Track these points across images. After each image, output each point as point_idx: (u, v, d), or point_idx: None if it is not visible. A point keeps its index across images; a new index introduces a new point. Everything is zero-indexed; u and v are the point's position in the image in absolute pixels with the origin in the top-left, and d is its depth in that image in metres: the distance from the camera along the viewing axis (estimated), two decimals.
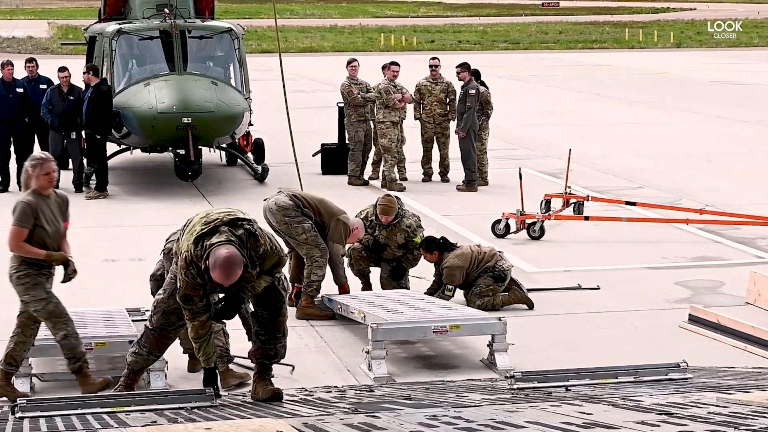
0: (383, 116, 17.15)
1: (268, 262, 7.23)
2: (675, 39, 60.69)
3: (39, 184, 8.56)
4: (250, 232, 7.10)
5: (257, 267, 7.18)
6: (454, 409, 5.59)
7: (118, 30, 17.90)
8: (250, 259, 7.09)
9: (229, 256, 6.90)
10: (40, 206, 8.47)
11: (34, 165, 8.61)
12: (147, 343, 7.88)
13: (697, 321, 9.99)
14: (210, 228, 7.07)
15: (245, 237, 7.07)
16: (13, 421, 6.30)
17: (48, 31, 68.92)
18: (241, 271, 6.97)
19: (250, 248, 7.08)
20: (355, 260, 11.15)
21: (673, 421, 4.60)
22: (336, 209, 10.69)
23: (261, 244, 7.14)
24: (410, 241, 11.11)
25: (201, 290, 7.18)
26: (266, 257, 7.20)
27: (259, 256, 7.15)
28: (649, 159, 20.37)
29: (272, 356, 7.67)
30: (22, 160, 17.36)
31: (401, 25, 73.21)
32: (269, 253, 7.21)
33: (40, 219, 8.43)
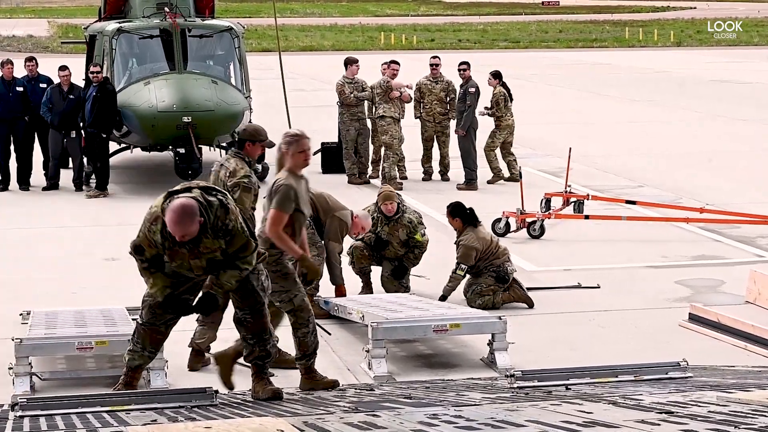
0: (384, 111, 17.14)
1: (235, 242, 7.18)
2: (675, 38, 60.68)
3: (294, 163, 8.06)
4: (222, 202, 7.10)
5: (222, 240, 7.12)
6: (455, 408, 5.59)
7: (119, 29, 17.90)
8: (215, 227, 7.06)
9: (184, 203, 6.92)
10: (299, 188, 8.04)
11: (289, 142, 8.06)
12: (139, 338, 7.86)
13: (697, 320, 9.99)
14: (184, 188, 7.16)
15: (216, 205, 7.06)
16: (13, 420, 6.30)
17: (48, 29, 68.91)
18: (194, 225, 6.92)
19: (218, 217, 7.06)
20: (356, 258, 11.16)
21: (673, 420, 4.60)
22: (334, 205, 10.67)
23: (231, 219, 7.11)
24: (411, 237, 11.12)
25: (155, 249, 7.20)
26: (234, 235, 7.15)
27: (227, 231, 7.11)
28: (649, 158, 20.37)
29: (264, 357, 7.69)
30: (22, 159, 17.43)
31: (401, 23, 73.19)
32: (238, 231, 7.15)
33: (299, 203, 8.00)
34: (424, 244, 11.24)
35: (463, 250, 10.76)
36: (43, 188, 17.39)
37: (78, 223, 15.08)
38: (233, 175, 8.88)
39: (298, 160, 8.01)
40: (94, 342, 8.59)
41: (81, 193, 17.09)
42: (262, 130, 8.98)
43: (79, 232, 14.50)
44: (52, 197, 16.94)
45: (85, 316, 9.58)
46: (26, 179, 17.50)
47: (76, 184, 17.40)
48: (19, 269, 12.70)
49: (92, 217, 15.26)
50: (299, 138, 8.03)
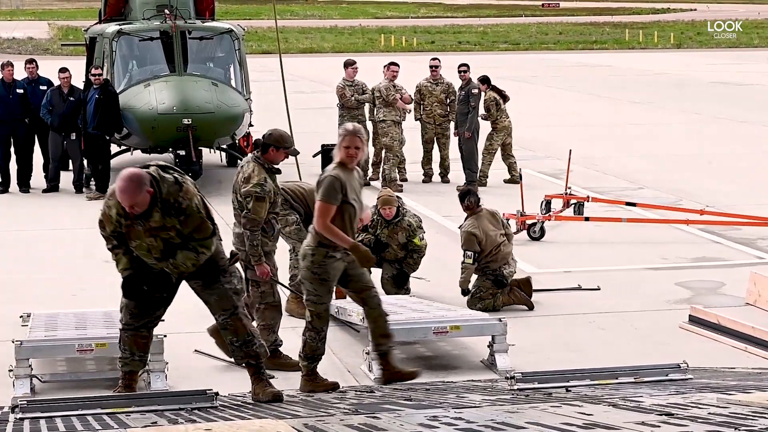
0: (384, 115, 17.16)
1: (189, 222, 7.23)
2: (675, 40, 60.69)
3: (341, 156, 7.97)
4: (177, 180, 7.19)
5: (175, 219, 7.18)
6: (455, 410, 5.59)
7: (119, 31, 17.91)
8: (165, 202, 7.13)
9: (132, 172, 7.08)
10: (349, 180, 7.96)
11: (341, 134, 8.05)
12: (126, 345, 7.88)
13: (698, 322, 9.99)
14: (143, 165, 7.27)
15: (169, 180, 7.16)
16: (13, 422, 6.30)
17: (48, 32, 68.92)
18: (140, 194, 7.02)
19: (170, 193, 7.13)
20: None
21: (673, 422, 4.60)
22: None
23: (184, 197, 7.16)
24: (410, 241, 11.12)
25: (111, 225, 7.32)
26: (189, 215, 7.20)
27: (180, 209, 7.16)
28: (649, 160, 20.37)
29: (254, 356, 7.70)
30: (22, 161, 17.43)
31: (401, 25, 73.21)
32: (192, 211, 7.20)
33: (346, 194, 7.91)
34: (423, 249, 11.24)
35: (465, 237, 10.84)
36: (43, 190, 17.39)
37: (78, 225, 15.07)
38: (247, 181, 8.87)
39: (344, 154, 7.95)
40: (94, 344, 8.59)
41: (81, 195, 17.09)
42: (287, 137, 8.96)
43: (79, 234, 14.49)
44: (52, 199, 16.94)
45: (85, 318, 9.59)
46: (26, 181, 17.50)
47: (76, 186, 17.40)
48: (20, 271, 12.70)
49: (92, 219, 15.16)
50: (348, 134, 7.98)
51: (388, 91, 17.13)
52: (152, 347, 8.40)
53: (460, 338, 9.53)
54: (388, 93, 17.12)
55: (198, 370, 9.06)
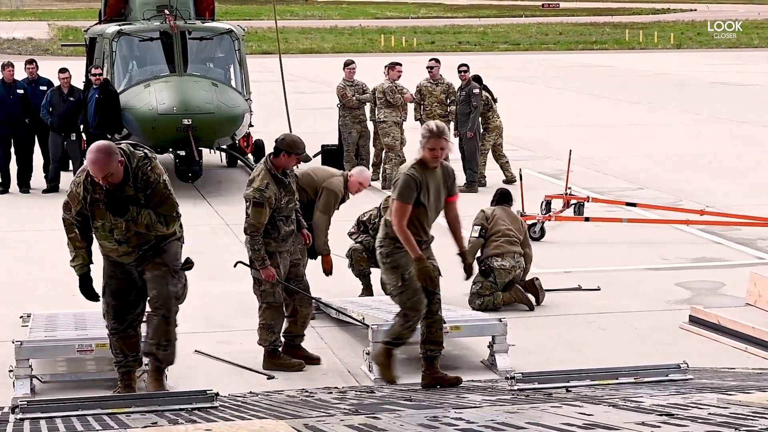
0: (384, 116, 17.19)
1: (155, 196, 7.40)
2: (675, 40, 60.71)
3: (423, 156, 7.83)
4: (147, 155, 7.34)
5: (142, 194, 7.36)
6: (455, 410, 5.59)
7: (119, 31, 17.92)
8: (136, 176, 7.31)
9: (102, 143, 7.26)
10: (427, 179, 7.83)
11: (424, 135, 7.83)
12: (116, 348, 7.98)
13: (698, 322, 9.99)
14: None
15: (139, 155, 7.33)
16: (13, 423, 6.30)
17: (48, 32, 68.94)
18: (111, 164, 7.14)
19: (140, 167, 7.31)
20: (355, 261, 11.15)
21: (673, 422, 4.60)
22: (321, 177, 10.25)
23: (154, 173, 7.33)
24: None
25: (78, 204, 7.43)
26: (155, 189, 7.38)
27: (147, 183, 7.34)
28: (649, 160, 20.38)
29: (161, 360, 7.84)
30: (22, 161, 17.43)
31: (401, 26, 73.24)
32: (159, 186, 7.38)
33: (420, 193, 7.80)
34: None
35: (477, 214, 11.07)
36: (44, 191, 17.39)
37: None
38: (249, 183, 8.85)
39: (426, 155, 7.84)
40: (94, 344, 8.59)
41: None
42: (299, 143, 8.88)
43: None
44: (53, 200, 16.92)
45: (85, 319, 9.59)
46: (26, 182, 17.50)
47: None
48: (20, 271, 12.71)
49: None
50: (432, 135, 7.79)
51: (392, 92, 17.16)
52: None
53: (460, 338, 9.52)
54: (393, 94, 17.15)
55: (198, 370, 9.06)
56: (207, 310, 10.79)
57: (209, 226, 14.88)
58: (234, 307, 10.71)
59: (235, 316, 10.51)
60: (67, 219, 7.63)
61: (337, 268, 11.40)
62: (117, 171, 7.18)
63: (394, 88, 17.26)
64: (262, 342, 9.08)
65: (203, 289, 11.64)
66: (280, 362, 9.04)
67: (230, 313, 10.63)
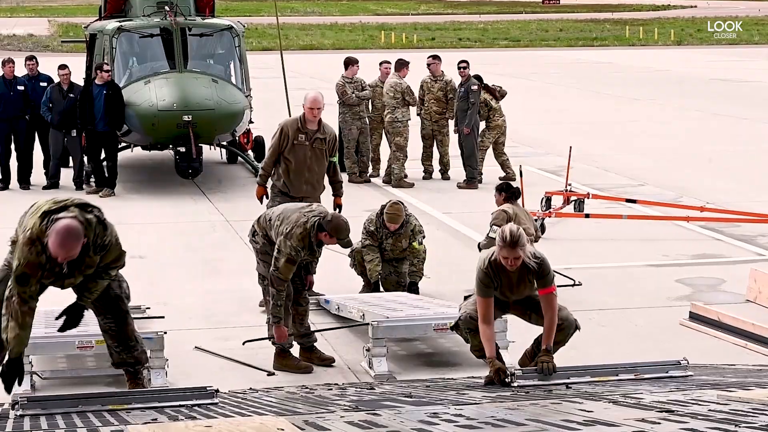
0: (402, 115, 17.22)
1: (110, 255, 7.16)
2: (675, 37, 60.68)
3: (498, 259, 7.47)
4: (100, 219, 7.02)
5: (99, 256, 7.07)
6: (455, 407, 5.59)
7: (119, 28, 17.90)
8: (94, 245, 6.98)
9: (69, 225, 6.74)
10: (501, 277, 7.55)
11: (498, 243, 7.39)
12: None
13: (698, 318, 9.99)
14: (59, 206, 6.95)
15: (94, 222, 6.96)
16: (13, 419, 6.30)
17: (48, 28, 68.92)
18: (78, 246, 6.78)
19: (97, 235, 6.98)
20: (358, 262, 11.16)
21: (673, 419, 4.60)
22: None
23: (108, 234, 7.06)
24: (410, 245, 11.12)
25: (39, 272, 6.91)
26: (110, 249, 7.13)
27: (104, 246, 7.07)
28: (649, 156, 20.37)
29: (133, 363, 7.76)
30: (23, 158, 17.43)
31: (402, 22, 73.19)
32: (113, 245, 7.14)
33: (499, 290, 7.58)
34: (421, 252, 11.20)
35: (496, 213, 10.78)
36: (44, 187, 17.38)
37: None
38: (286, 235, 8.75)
39: (500, 260, 7.42)
40: (94, 341, 8.58)
41: (81, 192, 17.08)
42: (345, 230, 8.69)
43: None
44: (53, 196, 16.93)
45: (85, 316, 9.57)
46: (27, 178, 17.50)
47: (76, 183, 17.41)
48: None
49: None
50: (504, 245, 7.32)
51: (411, 92, 17.24)
52: (153, 344, 8.43)
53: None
54: (412, 94, 17.23)
55: (198, 366, 9.07)
56: (207, 307, 10.79)
57: (209, 222, 14.89)
58: (234, 304, 10.72)
59: (235, 313, 10.51)
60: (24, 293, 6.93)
61: (338, 265, 11.42)
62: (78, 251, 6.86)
63: (410, 87, 17.31)
64: (269, 337, 9.08)
65: (203, 286, 11.65)
66: (288, 362, 9.03)
67: (230, 310, 10.63)
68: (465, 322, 7.82)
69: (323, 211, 8.91)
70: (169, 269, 12.53)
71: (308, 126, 10.68)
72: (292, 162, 10.64)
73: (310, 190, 10.68)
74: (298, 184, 10.67)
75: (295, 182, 10.67)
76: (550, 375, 7.21)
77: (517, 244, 7.31)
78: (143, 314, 10.37)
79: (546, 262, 7.53)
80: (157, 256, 13.07)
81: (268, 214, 9.22)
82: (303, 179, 10.66)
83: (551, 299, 7.55)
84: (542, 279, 7.52)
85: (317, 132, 10.65)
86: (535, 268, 7.46)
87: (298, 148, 10.65)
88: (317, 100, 10.69)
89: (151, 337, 8.52)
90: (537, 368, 7.28)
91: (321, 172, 10.78)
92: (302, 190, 10.64)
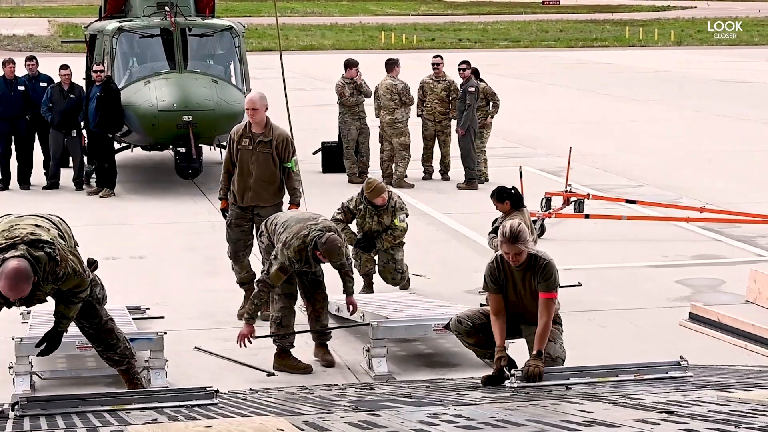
0: (401, 115, 17.23)
1: (67, 283, 7.04)
2: (675, 37, 60.68)
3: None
4: (50, 256, 6.85)
5: (52, 286, 6.95)
6: (455, 407, 5.59)
7: (119, 28, 17.90)
8: (46, 280, 6.86)
9: (17, 268, 6.63)
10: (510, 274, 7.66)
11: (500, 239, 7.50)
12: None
13: (698, 319, 9.99)
14: (8, 244, 6.81)
15: (44, 260, 6.81)
16: (13, 419, 6.30)
17: (48, 29, 68.92)
18: (29, 287, 6.70)
19: (47, 272, 6.84)
20: (363, 263, 11.19)
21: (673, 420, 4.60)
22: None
23: (61, 267, 6.91)
24: (392, 221, 11.14)
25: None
26: (66, 279, 6.99)
27: (57, 278, 6.93)
28: (649, 157, 20.37)
29: (118, 361, 7.80)
30: (23, 158, 17.43)
31: (401, 23, 73.19)
32: (70, 275, 6.99)
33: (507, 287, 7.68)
34: (401, 229, 11.17)
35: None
36: (44, 187, 17.39)
37: (78, 222, 15.01)
38: (284, 243, 8.81)
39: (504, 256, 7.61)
40: None
41: (81, 192, 17.10)
42: (337, 253, 8.72)
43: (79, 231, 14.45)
44: (53, 196, 16.95)
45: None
46: (27, 178, 17.50)
47: (76, 183, 17.41)
48: None
49: (92, 217, 15.26)
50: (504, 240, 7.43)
51: (407, 92, 17.24)
52: (153, 344, 8.43)
53: None
54: (408, 93, 17.23)
55: (198, 367, 9.07)
56: (206, 307, 10.80)
57: (209, 222, 14.88)
58: (234, 304, 10.71)
59: (235, 313, 10.50)
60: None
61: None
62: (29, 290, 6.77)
63: (408, 87, 17.31)
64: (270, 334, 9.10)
65: (203, 286, 11.65)
66: (287, 363, 9.03)
67: (230, 310, 10.63)
68: (454, 325, 8.02)
69: (327, 227, 8.87)
70: (169, 269, 12.53)
71: (253, 129, 10.19)
72: (236, 168, 10.21)
73: (254, 197, 10.17)
74: (241, 192, 10.20)
75: (238, 190, 10.21)
76: (537, 381, 7.13)
77: (517, 239, 7.39)
78: (143, 314, 10.36)
79: (551, 266, 7.59)
80: (157, 256, 13.07)
81: (275, 219, 9.26)
82: (245, 186, 10.17)
83: (549, 304, 7.55)
84: (544, 282, 7.56)
85: (261, 135, 10.14)
86: (538, 268, 7.54)
87: (242, 153, 10.18)
88: (252, 100, 10.18)
89: (151, 338, 8.53)
90: (523, 373, 7.20)
91: (268, 178, 10.16)
92: (247, 198, 10.19)
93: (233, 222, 10.38)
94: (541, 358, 7.39)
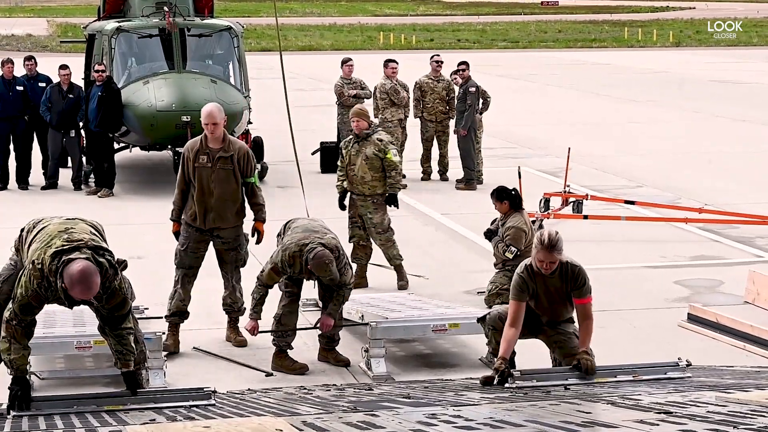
0: (391, 115, 17.21)
1: (112, 300, 6.89)
2: (674, 38, 60.69)
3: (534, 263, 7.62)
4: (111, 263, 6.75)
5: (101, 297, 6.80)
6: (453, 408, 5.59)
7: (118, 28, 17.90)
8: (104, 287, 6.71)
9: (87, 269, 6.46)
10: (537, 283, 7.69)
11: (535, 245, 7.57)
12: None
13: (696, 320, 10.00)
14: (72, 246, 6.69)
15: (105, 266, 6.68)
16: (11, 419, 6.30)
17: (47, 28, 68.89)
18: (96, 288, 6.53)
19: (107, 278, 6.69)
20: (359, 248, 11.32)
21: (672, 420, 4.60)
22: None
23: (117, 278, 6.81)
24: (383, 158, 11.14)
25: (43, 303, 6.81)
26: (114, 294, 6.86)
27: (106, 289, 6.77)
28: (648, 158, 20.37)
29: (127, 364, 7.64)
30: (22, 158, 17.42)
31: (400, 23, 73.20)
32: (116, 290, 6.86)
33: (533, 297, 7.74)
34: (397, 164, 11.24)
35: (514, 232, 10.35)
36: (42, 187, 17.39)
37: None
38: (283, 247, 8.91)
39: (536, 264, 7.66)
40: (92, 341, 8.58)
41: (80, 192, 17.09)
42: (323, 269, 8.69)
43: None
44: (51, 196, 16.94)
45: (83, 315, 9.57)
46: (25, 178, 17.49)
47: (74, 183, 17.40)
48: None
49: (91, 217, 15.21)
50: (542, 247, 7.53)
51: (395, 92, 17.20)
52: (151, 345, 8.43)
53: (459, 336, 9.53)
54: (397, 93, 17.18)
55: (196, 367, 9.07)
56: (206, 307, 10.78)
57: None
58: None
59: None
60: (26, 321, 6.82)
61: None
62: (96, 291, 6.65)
63: (396, 87, 17.27)
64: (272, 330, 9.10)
65: (202, 286, 11.63)
66: (284, 363, 9.03)
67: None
68: (492, 319, 7.92)
69: (327, 243, 8.86)
70: (169, 269, 12.50)
71: (210, 144, 9.57)
72: (195, 188, 9.55)
73: (216, 218, 9.55)
74: (202, 213, 9.56)
75: (199, 211, 9.57)
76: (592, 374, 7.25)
77: (554, 248, 7.48)
78: (142, 315, 10.36)
79: (582, 272, 7.66)
80: (156, 256, 13.05)
81: (292, 223, 9.36)
82: (206, 206, 9.54)
83: (587, 309, 7.66)
84: (578, 289, 7.64)
85: (220, 150, 9.50)
86: (570, 275, 7.60)
87: (200, 171, 9.51)
88: (211, 114, 9.59)
89: (150, 338, 8.53)
90: (581, 366, 7.30)
91: (231, 197, 9.53)
92: (208, 219, 9.55)
93: (189, 246, 9.74)
94: (590, 355, 7.47)
